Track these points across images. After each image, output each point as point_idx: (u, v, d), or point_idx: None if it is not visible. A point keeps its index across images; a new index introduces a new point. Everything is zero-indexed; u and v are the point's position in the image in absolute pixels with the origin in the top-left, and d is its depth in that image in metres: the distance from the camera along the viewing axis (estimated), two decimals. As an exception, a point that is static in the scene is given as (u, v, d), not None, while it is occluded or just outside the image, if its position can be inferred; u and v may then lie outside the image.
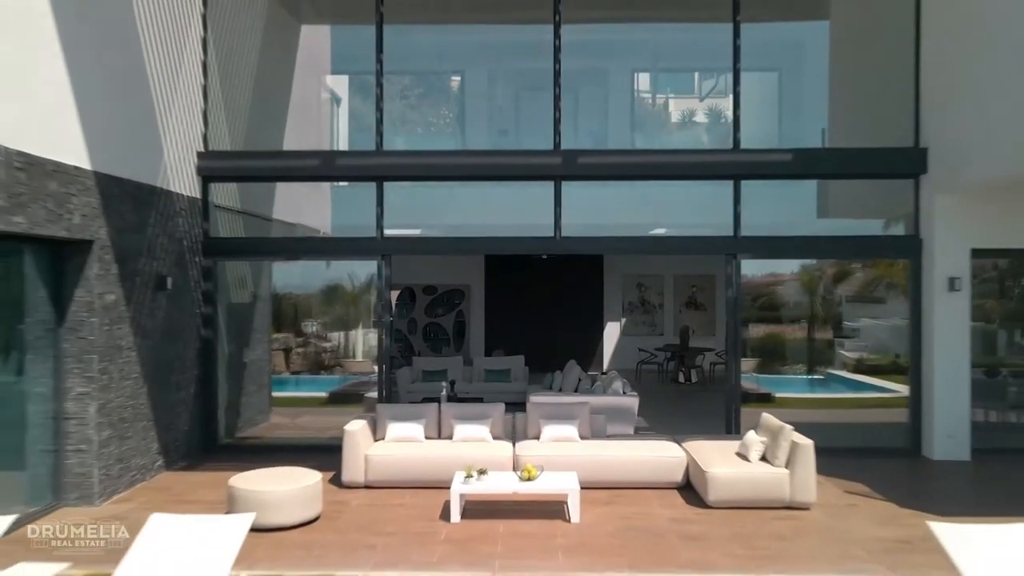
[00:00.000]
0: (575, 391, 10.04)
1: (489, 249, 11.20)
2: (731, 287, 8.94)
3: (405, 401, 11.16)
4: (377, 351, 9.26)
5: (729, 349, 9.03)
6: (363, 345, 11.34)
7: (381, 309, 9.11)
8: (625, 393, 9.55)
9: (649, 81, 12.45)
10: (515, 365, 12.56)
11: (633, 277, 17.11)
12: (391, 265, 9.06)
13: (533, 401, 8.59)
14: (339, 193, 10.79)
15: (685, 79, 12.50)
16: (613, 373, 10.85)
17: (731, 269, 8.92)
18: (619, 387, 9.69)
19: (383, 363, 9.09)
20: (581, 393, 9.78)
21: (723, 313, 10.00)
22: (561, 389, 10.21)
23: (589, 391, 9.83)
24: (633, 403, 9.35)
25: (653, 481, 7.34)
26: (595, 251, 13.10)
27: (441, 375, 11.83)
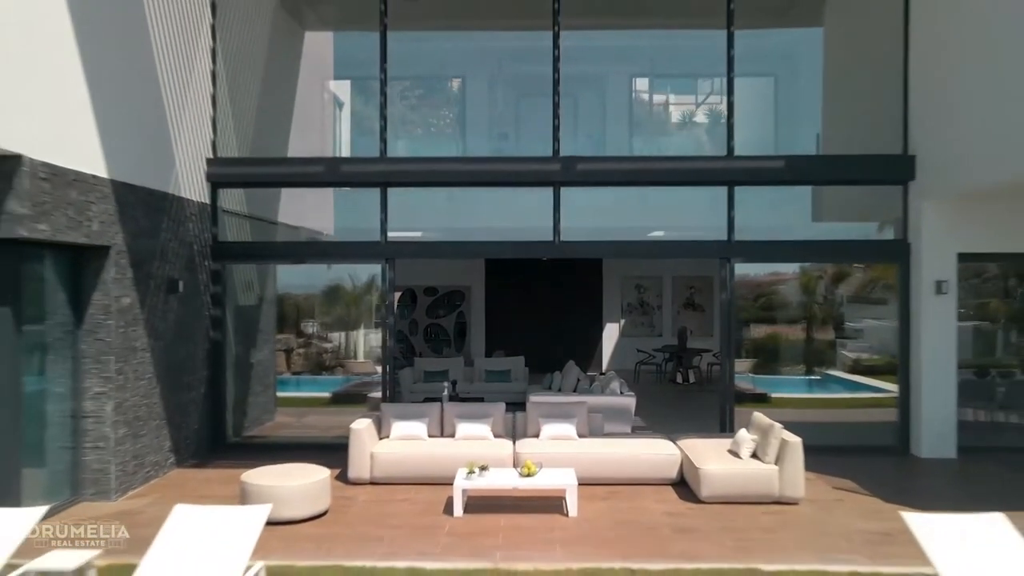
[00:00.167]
0: (574, 391, 10.38)
1: (490, 253, 11.54)
2: (725, 290, 9.28)
3: (407, 401, 11.49)
4: (381, 352, 9.61)
5: (723, 350, 9.38)
6: (364, 346, 11.70)
7: (385, 311, 9.46)
8: (622, 393, 9.89)
9: (647, 86, 12.80)
10: (515, 366, 12.90)
11: (632, 279, 17.46)
12: (395, 268, 9.41)
13: (533, 401, 8.93)
14: (341, 195, 11.10)
15: (682, 84, 12.84)
16: (611, 374, 11.19)
17: (725, 273, 9.27)
18: (616, 387, 10.04)
19: (387, 364, 9.44)
20: (580, 393, 10.12)
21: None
22: (560, 389, 10.55)
23: (588, 391, 10.18)
24: (630, 403, 9.69)
25: (648, 477, 7.69)
26: (593, 255, 13.46)
27: (442, 375, 12.16)
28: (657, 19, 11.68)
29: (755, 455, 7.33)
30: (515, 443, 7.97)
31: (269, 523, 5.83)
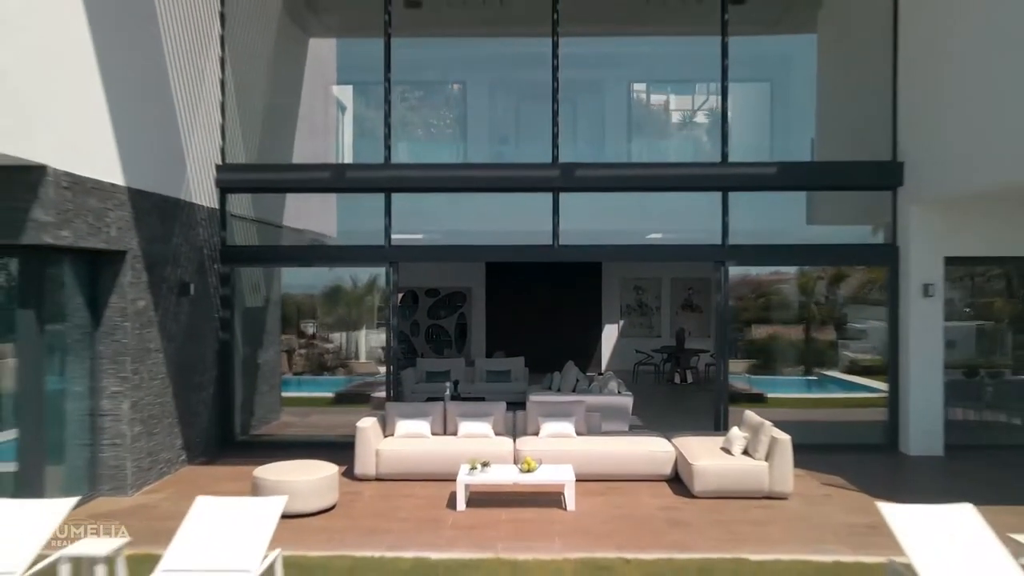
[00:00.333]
0: (573, 391, 10.73)
1: (491, 257, 11.89)
2: (719, 293, 9.64)
3: (410, 400, 11.84)
4: (385, 353, 9.96)
5: (718, 351, 9.74)
6: (365, 346, 12.06)
7: (388, 313, 9.81)
8: (620, 393, 10.24)
9: (644, 92, 13.17)
10: (515, 366, 13.26)
11: (631, 280, 17.83)
12: (398, 271, 9.76)
13: (532, 400, 9.28)
14: (344, 198, 11.39)
15: (679, 90, 13.20)
16: (609, 374, 11.54)
17: (720, 276, 9.63)
18: (614, 387, 10.39)
19: (390, 364, 9.80)
20: (579, 393, 10.47)
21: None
22: (560, 389, 10.91)
23: (586, 391, 10.53)
24: (627, 402, 10.04)
25: (644, 474, 8.05)
26: (591, 259, 13.83)
27: (444, 376, 12.52)
28: (655, 26, 12.04)
29: (746, 452, 7.70)
30: (515, 441, 8.33)
31: (280, 516, 6.21)
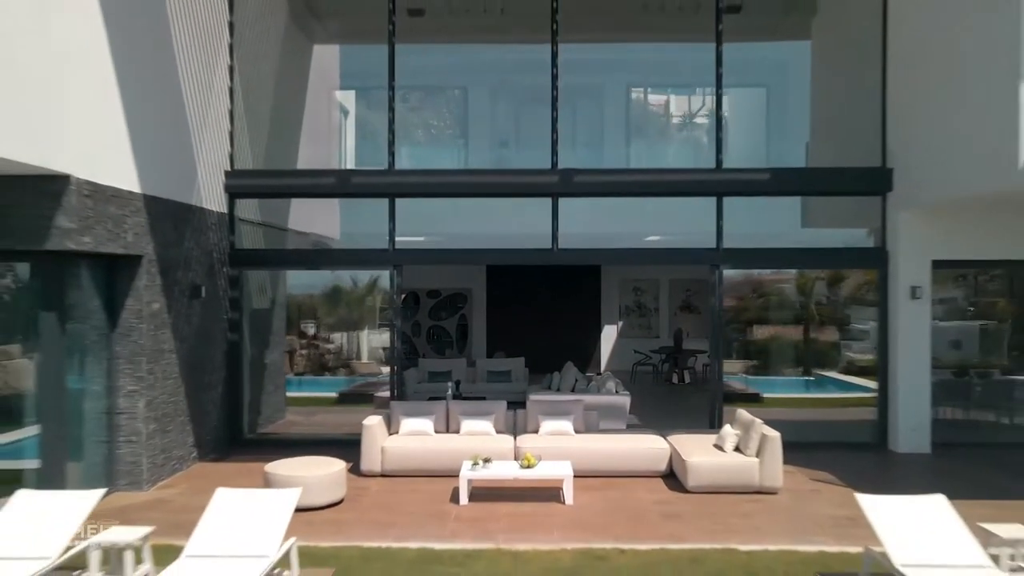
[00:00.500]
0: (572, 390, 11.11)
1: (492, 260, 12.29)
2: (714, 295, 10.02)
3: (412, 400, 12.21)
4: (389, 353, 10.34)
5: (713, 351, 10.12)
6: (367, 347, 12.44)
7: (392, 315, 10.19)
8: (618, 392, 10.63)
9: (643, 97, 13.56)
10: (516, 366, 13.64)
11: (630, 281, 18.20)
12: (402, 274, 10.14)
13: (532, 399, 9.67)
14: (346, 202, 11.77)
15: (677, 95, 13.58)
16: (607, 374, 11.93)
17: (715, 278, 10.01)
18: (612, 387, 10.78)
19: (394, 364, 10.18)
20: (578, 392, 10.85)
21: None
22: (559, 389, 11.29)
23: (585, 390, 10.91)
24: (625, 401, 10.43)
25: (640, 470, 8.43)
26: (590, 262, 14.23)
27: (446, 376, 12.89)
28: (653, 33, 12.43)
29: (738, 448, 8.08)
30: (516, 438, 8.71)
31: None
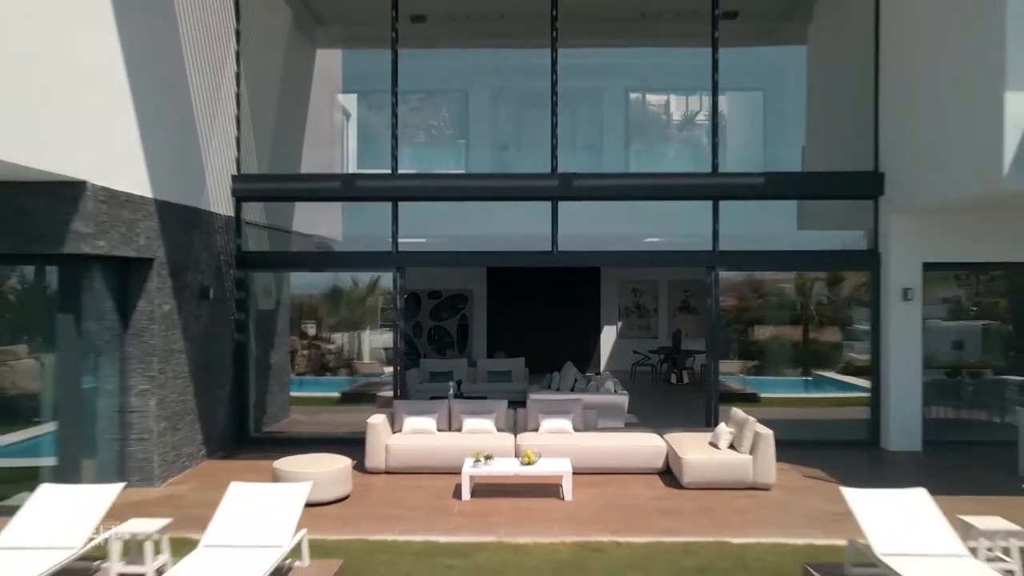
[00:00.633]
0: (572, 390, 11.40)
1: (493, 262, 12.57)
2: (711, 296, 10.32)
3: (414, 400, 12.50)
4: (392, 353, 10.63)
5: (709, 352, 10.42)
6: (368, 347, 12.72)
7: (396, 315, 10.49)
8: (616, 392, 10.92)
9: (641, 101, 13.86)
10: (516, 367, 13.93)
11: (629, 282, 18.50)
12: (405, 276, 10.44)
13: (532, 398, 9.96)
14: (348, 205, 12.06)
15: (675, 99, 13.87)
16: (606, 374, 12.22)
17: (711, 280, 10.30)
18: (611, 386, 11.07)
19: (397, 364, 10.47)
20: (577, 392, 11.14)
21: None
22: (559, 388, 11.58)
23: (584, 390, 11.20)
24: (623, 400, 10.72)
25: (637, 467, 8.73)
26: (589, 264, 14.51)
27: (447, 376, 13.18)
28: (651, 39, 12.74)
29: (732, 446, 8.37)
30: (516, 436, 9.00)
31: (302, 502, 6.87)
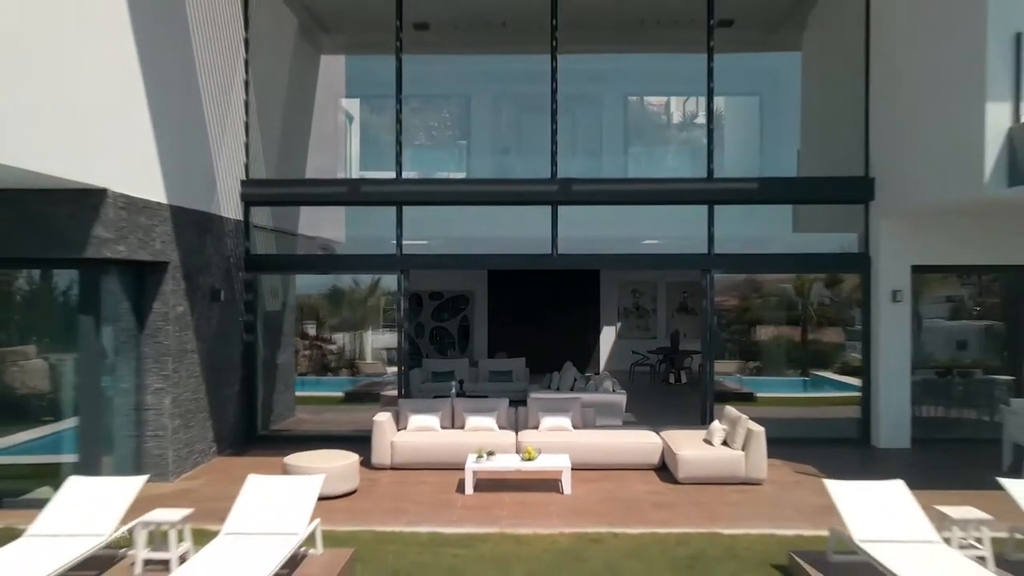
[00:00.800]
0: (571, 390, 11.80)
1: (495, 265, 13.00)
2: (706, 298, 10.71)
3: (417, 399, 12.88)
4: (397, 353, 11.03)
5: (704, 352, 10.82)
6: (371, 347, 13.12)
7: (400, 317, 10.88)
8: (614, 391, 11.31)
9: (640, 105, 14.28)
10: (516, 366, 14.32)
11: (628, 284, 18.90)
12: (409, 278, 10.83)
13: (533, 397, 10.35)
14: (352, 208, 12.43)
15: (673, 103, 14.27)
16: (605, 373, 12.61)
17: (706, 282, 10.69)
18: (609, 386, 11.46)
19: (401, 364, 10.87)
20: (576, 391, 11.53)
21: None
22: (559, 388, 11.98)
23: (583, 389, 11.60)
24: (621, 399, 11.10)
25: (634, 463, 9.13)
26: (588, 267, 14.93)
27: (449, 376, 13.57)
28: (650, 45, 13.14)
29: (725, 443, 8.77)
30: (517, 433, 9.40)
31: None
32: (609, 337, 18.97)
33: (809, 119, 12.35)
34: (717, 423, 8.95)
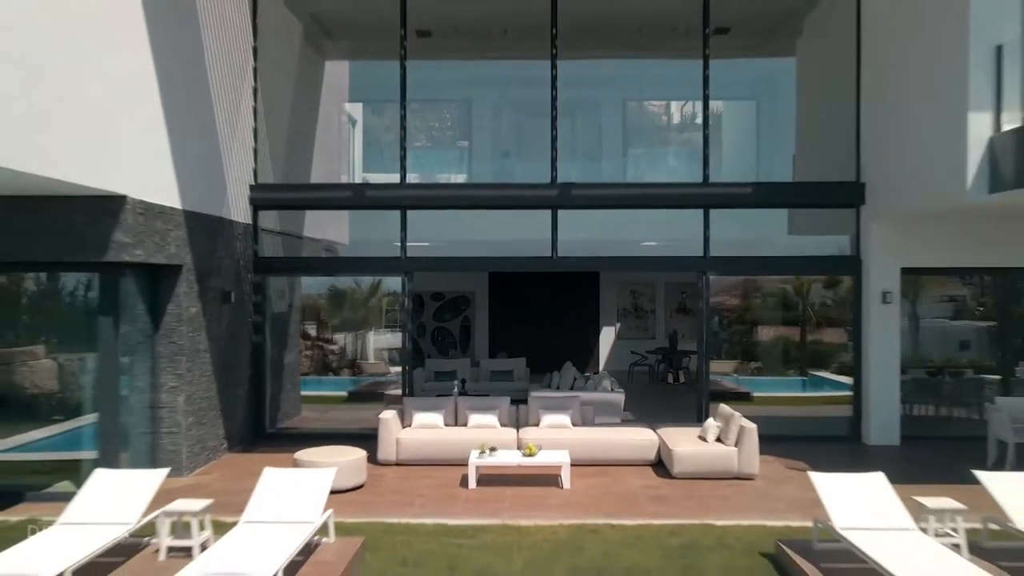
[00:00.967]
0: (571, 389, 12.20)
1: (496, 267, 13.39)
2: (702, 299, 11.12)
3: (421, 398, 13.26)
4: (401, 353, 11.43)
5: (700, 352, 11.22)
6: (373, 347, 13.50)
7: (404, 317, 11.28)
8: (612, 390, 11.70)
9: (638, 110, 14.66)
10: (517, 366, 14.72)
11: (627, 284, 19.30)
12: (413, 280, 11.23)
13: (533, 395, 10.74)
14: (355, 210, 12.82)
15: (672, 107, 14.64)
16: (604, 373, 13.02)
17: (702, 284, 11.10)
18: (607, 385, 11.86)
19: (405, 364, 11.27)
20: (576, 390, 11.94)
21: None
22: (559, 387, 12.38)
23: (582, 388, 12.00)
24: (619, 398, 11.48)
25: (631, 459, 9.53)
26: (587, 268, 15.30)
27: (451, 375, 13.96)
28: (648, 52, 13.52)
29: (719, 439, 9.17)
30: (518, 430, 9.80)
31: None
32: (608, 337, 19.38)
33: (804, 124, 12.73)
34: (711, 420, 9.36)
